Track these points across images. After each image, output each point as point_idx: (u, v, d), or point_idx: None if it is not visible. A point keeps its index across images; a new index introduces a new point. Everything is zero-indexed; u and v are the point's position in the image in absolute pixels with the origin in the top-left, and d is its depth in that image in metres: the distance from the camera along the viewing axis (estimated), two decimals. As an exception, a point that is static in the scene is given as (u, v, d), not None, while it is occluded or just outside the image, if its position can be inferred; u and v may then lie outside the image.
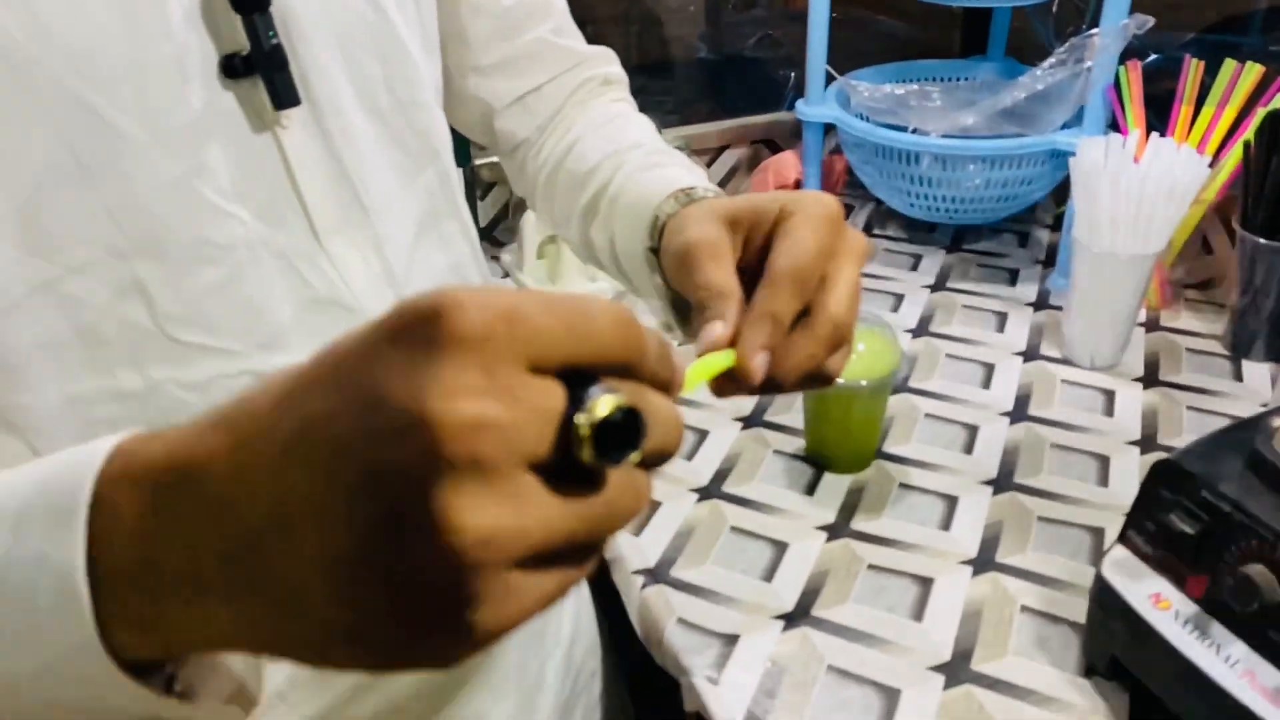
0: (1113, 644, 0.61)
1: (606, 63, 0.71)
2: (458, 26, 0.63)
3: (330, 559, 0.25)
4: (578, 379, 0.27)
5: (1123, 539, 0.61)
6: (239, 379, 0.48)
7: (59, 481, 0.28)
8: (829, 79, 1.16)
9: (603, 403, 0.26)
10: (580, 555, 0.28)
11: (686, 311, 0.56)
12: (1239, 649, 0.54)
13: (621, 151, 0.62)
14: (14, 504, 0.29)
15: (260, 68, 0.45)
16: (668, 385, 0.30)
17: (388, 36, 0.52)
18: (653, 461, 0.29)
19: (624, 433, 0.26)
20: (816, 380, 0.47)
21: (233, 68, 0.45)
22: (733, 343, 0.43)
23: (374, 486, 0.25)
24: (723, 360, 0.42)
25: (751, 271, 0.47)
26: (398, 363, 0.25)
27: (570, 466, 0.26)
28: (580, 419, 0.26)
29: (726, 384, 0.43)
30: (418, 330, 0.25)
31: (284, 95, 0.46)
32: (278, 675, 0.55)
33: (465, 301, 0.25)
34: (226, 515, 0.26)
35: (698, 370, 0.41)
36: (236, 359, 0.48)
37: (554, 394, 0.26)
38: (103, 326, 0.45)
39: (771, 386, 0.45)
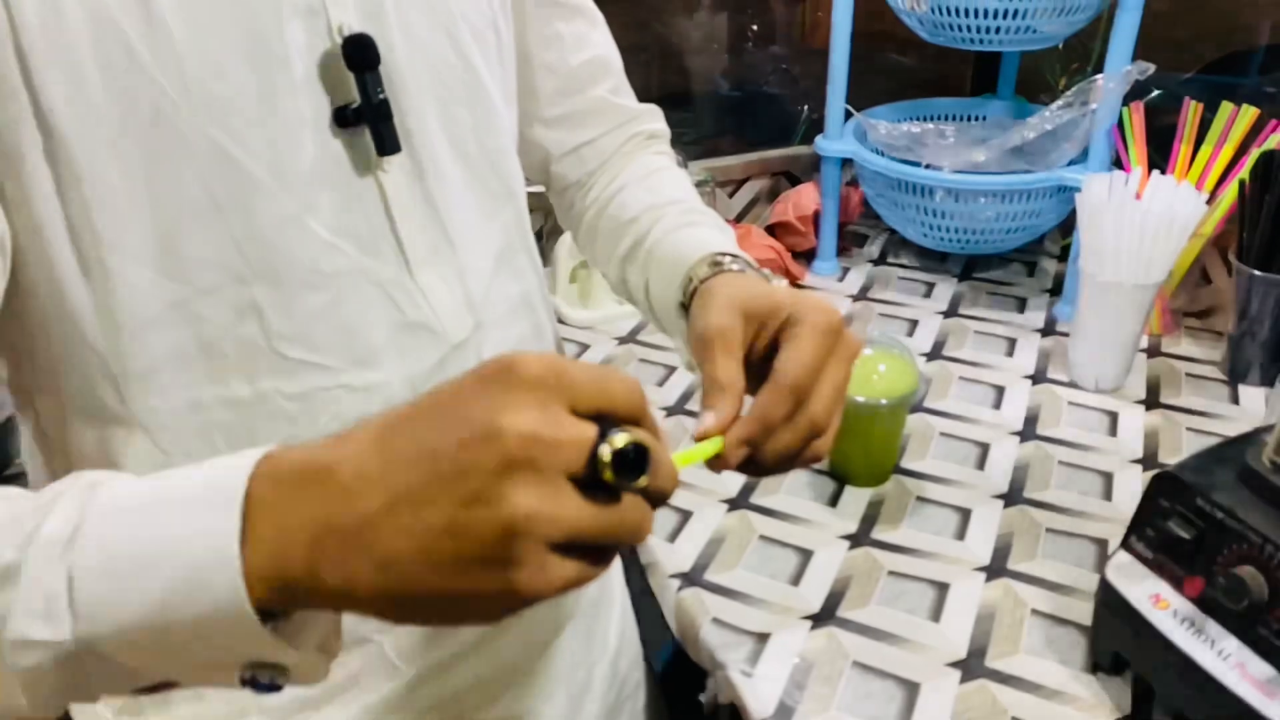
0: (1116, 641, 0.66)
1: (653, 119, 0.77)
2: (528, 81, 0.69)
3: (424, 529, 0.34)
4: (604, 425, 0.36)
5: (1125, 545, 0.66)
6: (334, 391, 0.54)
7: (222, 479, 0.36)
8: (846, 115, 1.23)
9: (620, 437, 0.35)
10: (596, 556, 0.37)
11: None
12: (1231, 644, 0.59)
13: (660, 206, 0.68)
14: (185, 495, 0.37)
15: (368, 119, 0.51)
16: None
17: (476, 89, 0.58)
18: (655, 498, 0.38)
19: (635, 463, 0.36)
20: (794, 465, 0.52)
21: (344, 118, 0.51)
22: (725, 429, 0.50)
23: (460, 477, 0.34)
24: (709, 448, 0.48)
25: (756, 356, 0.53)
26: (480, 396, 0.35)
27: (597, 486, 0.35)
28: (604, 448, 0.35)
29: (713, 462, 0.50)
30: (495, 376, 0.36)
31: (388, 143, 0.52)
32: (353, 662, 0.61)
33: (529, 359, 0.36)
34: (347, 502, 0.35)
35: (682, 457, 0.46)
36: (334, 374, 0.54)
37: (587, 429, 0.35)
38: (222, 342, 0.51)
39: (754, 468, 0.51)
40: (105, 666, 0.37)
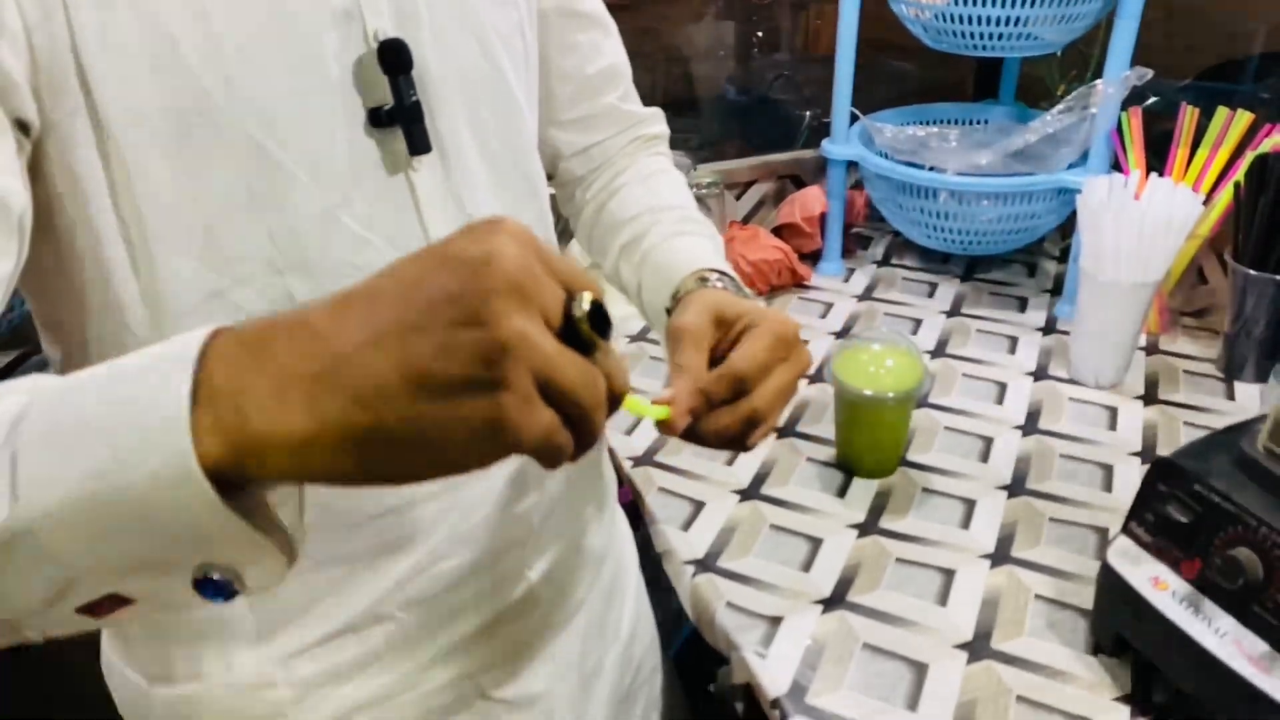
0: (1117, 622, 0.69)
1: (656, 122, 0.83)
2: (547, 86, 0.73)
3: (412, 355, 0.34)
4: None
5: (1125, 530, 0.69)
6: None
7: (177, 343, 0.36)
8: (852, 120, 1.26)
9: (588, 298, 0.37)
10: (574, 424, 0.37)
11: None
12: (1227, 622, 0.61)
13: (658, 209, 0.74)
14: (136, 364, 0.36)
15: (401, 120, 0.54)
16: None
17: (503, 92, 0.61)
18: (611, 383, 0.38)
19: (602, 326, 0.37)
20: (733, 445, 0.58)
21: (378, 119, 0.54)
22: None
23: (452, 302, 0.34)
24: (661, 410, 0.53)
25: (721, 354, 0.58)
26: (470, 239, 0.36)
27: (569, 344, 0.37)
28: (576, 306, 0.37)
29: (663, 427, 0.54)
30: (482, 226, 0.36)
31: (419, 143, 0.55)
32: (374, 640, 0.63)
33: (511, 220, 0.37)
34: (320, 344, 0.35)
35: (637, 407, 0.50)
36: None
37: (559, 289, 0.37)
38: None
39: (695, 439, 0.56)
40: (42, 561, 0.35)
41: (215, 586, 0.37)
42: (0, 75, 0.43)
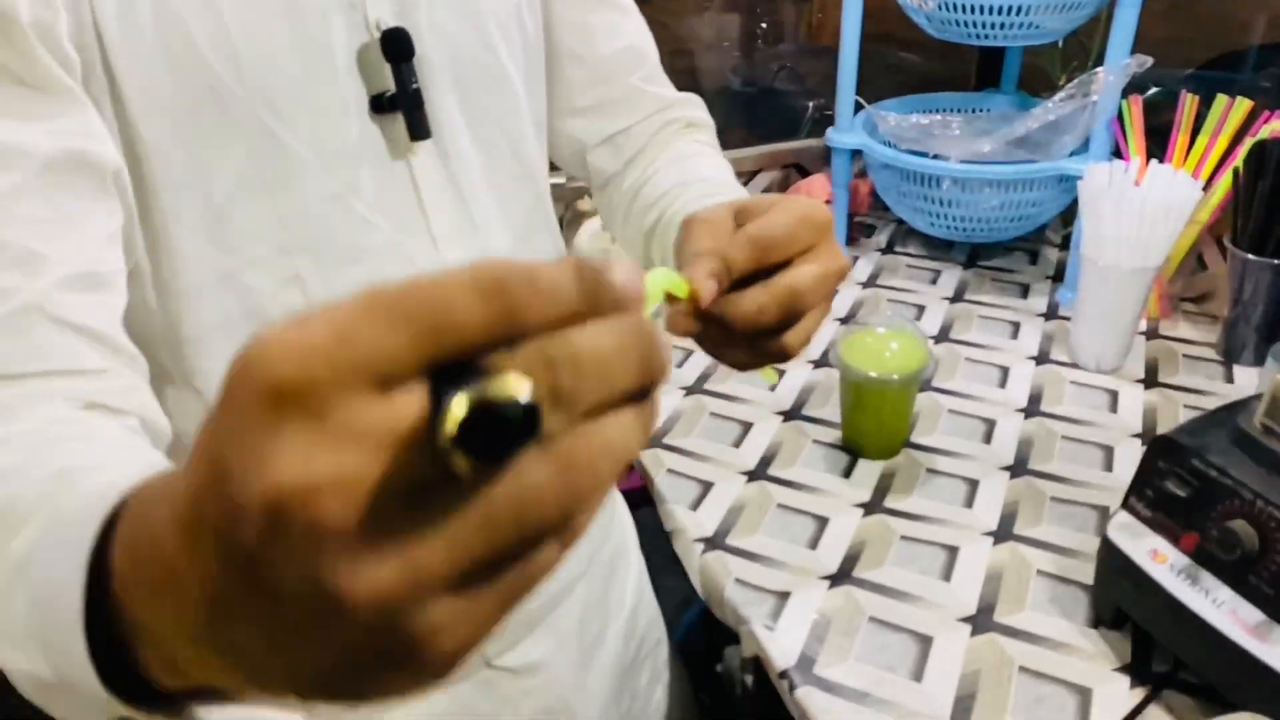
0: (1117, 595, 0.71)
1: (692, 108, 0.78)
2: (558, 72, 0.72)
3: (271, 638, 0.24)
4: (459, 369, 0.22)
5: (1125, 505, 0.70)
6: None
7: (75, 539, 0.30)
8: (856, 109, 1.27)
9: (457, 403, 0.21)
10: (528, 552, 0.24)
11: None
12: (1224, 592, 0.63)
13: (689, 183, 0.68)
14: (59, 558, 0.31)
15: (403, 106, 0.56)
16: (617, 307, 0.25)
17: (500, 78, 0.62)
18: (636, 391, 0.25)
19: (507, 428, 0.21)
20: (773, 344, 0.49)
21: (380, 105, 0.56)
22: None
23: (262, 572, 0.22)
24: (681, 284, 0.44)
25: None
26: (228, 431, 0.22)
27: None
28: (449, 417, 0.21)
29: (679, 319, 0.46)
30: (238, 392, 0.22)
31: (419, 130, 0.57)
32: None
33: (271, 349, 0.22)
34: (179, 586, 0.25)
35: (655, 279, 0.42)
36: None
37: (405, 412, 0.22)
38: (267, 310, 0.55)
39: (722, 341, 0.48)
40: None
41: None
42: (67, 55, 0.46)
